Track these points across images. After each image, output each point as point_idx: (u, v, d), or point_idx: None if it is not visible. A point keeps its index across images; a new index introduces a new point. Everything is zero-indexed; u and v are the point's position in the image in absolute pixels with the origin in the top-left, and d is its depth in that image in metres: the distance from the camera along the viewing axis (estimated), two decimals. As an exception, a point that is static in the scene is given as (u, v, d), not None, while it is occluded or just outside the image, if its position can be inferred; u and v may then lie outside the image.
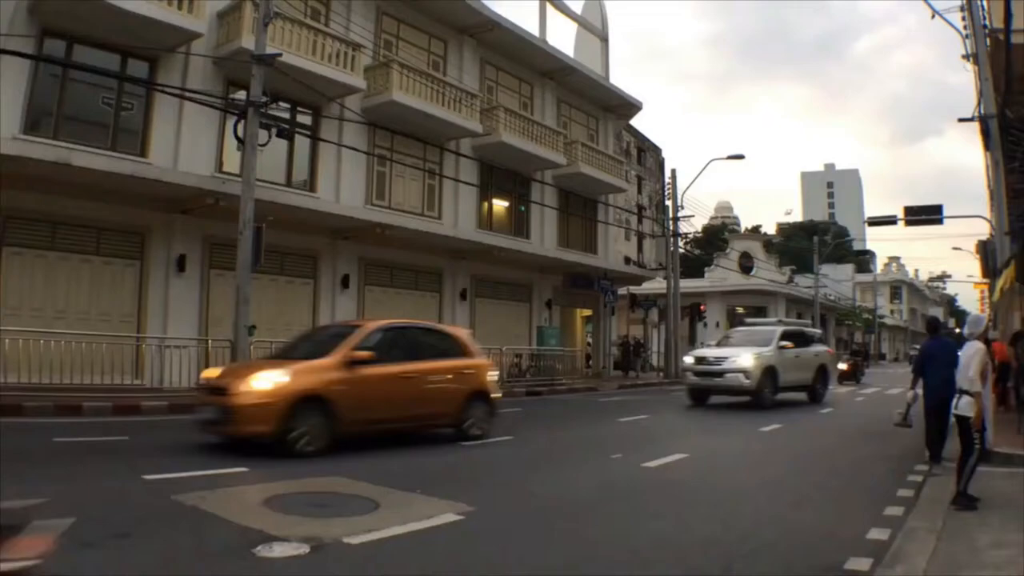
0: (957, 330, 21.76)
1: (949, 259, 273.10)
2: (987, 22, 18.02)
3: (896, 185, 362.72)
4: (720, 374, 22.83)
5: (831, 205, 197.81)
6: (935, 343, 11.85)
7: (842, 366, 39.30)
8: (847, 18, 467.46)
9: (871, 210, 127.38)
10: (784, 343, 24.06)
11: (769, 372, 22.67)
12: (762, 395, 22.40)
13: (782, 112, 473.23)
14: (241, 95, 20.64)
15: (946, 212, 29.37)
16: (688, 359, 24.92)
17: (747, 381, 22.26)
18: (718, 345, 26.21)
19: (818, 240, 68.57)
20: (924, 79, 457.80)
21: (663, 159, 75.61)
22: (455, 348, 14.33)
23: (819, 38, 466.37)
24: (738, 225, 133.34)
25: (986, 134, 18.18)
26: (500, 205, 33.27)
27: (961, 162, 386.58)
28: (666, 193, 44.52)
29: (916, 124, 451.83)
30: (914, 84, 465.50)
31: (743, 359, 22.57)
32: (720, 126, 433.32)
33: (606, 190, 38.05)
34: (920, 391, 11.68)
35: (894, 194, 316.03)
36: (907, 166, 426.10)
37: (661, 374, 40.63)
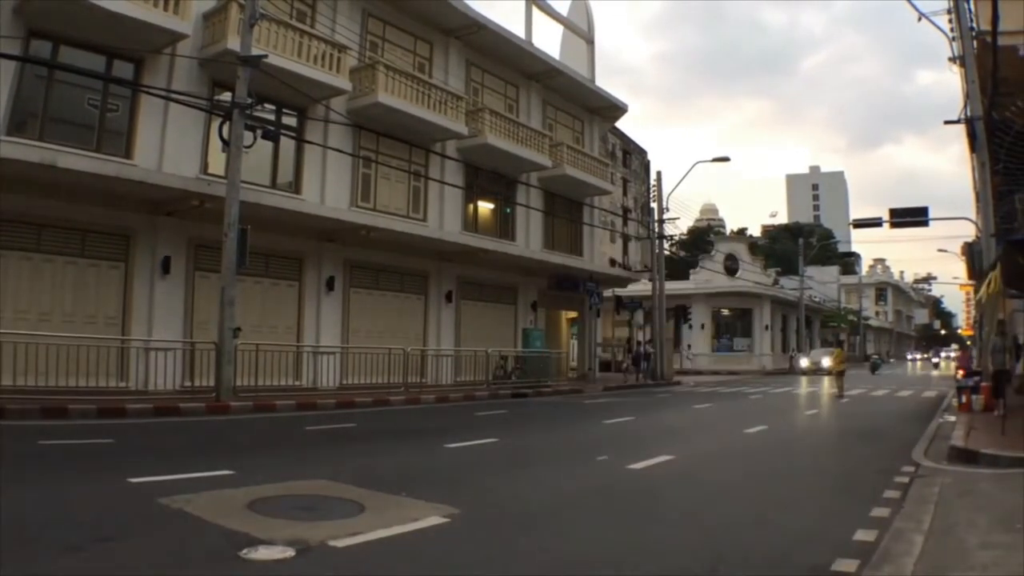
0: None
1: (935, 261, 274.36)
2: (974, 24, 18.10)
3: (854, 189, 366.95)
4: None
5: (816, 207, 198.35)
6: None
7: None
8: (791, 36, 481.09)
9: (853, 213, 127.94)
10: None
11: None
12: None
13: (741, 124, 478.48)
14: (226, 96, 20.65)
15: (922, 216, 29.66)
16: None
17: None
18: None
19: (803, 242, 68.81)
20: (875, 91, 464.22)
21: (648, 161, 75.85)
22: None
23: (766, 55, 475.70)
24: (723, 227, 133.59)
25: (972, 136, 18.26)
26: (485, 207, 33.28)
27: (921, 167, 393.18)
28: (651, 195, 44.57)
29: (871, 133, 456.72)
30: (866, 96, 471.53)
31: None
32: (680, 139, 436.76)
33: (591, 192, 38.10)
34: None
35: (854, 198, 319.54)
36: (865, 171, 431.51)
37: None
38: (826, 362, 42.53)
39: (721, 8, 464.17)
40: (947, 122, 20.64)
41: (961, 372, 25.20)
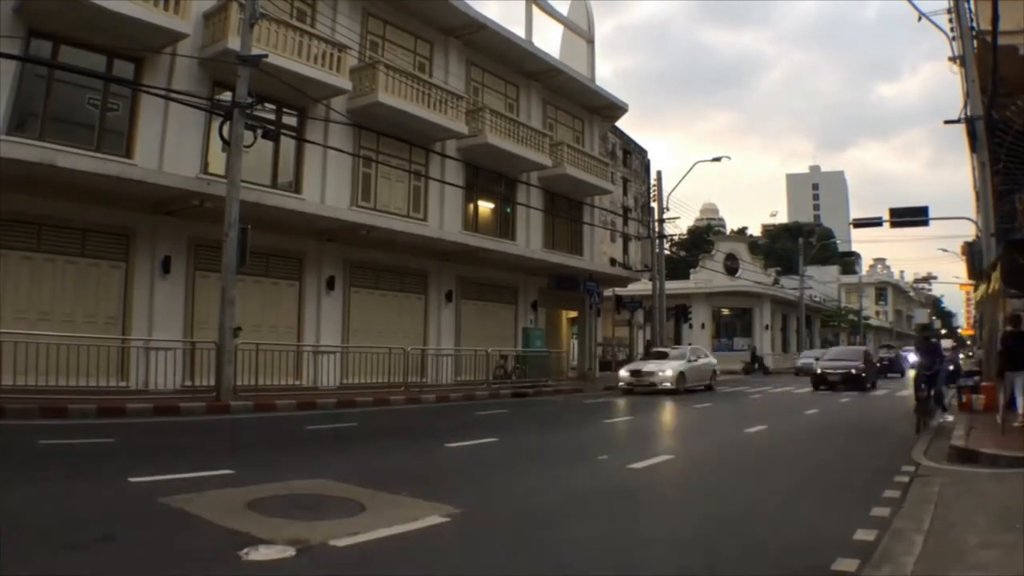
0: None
1: (935, 261, 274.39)
2: (974, 24, 18.10)
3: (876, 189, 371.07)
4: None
5: (816, 207, 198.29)
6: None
7: None
8: (741, 55, 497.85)
9: (855, 213, 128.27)
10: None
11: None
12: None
13: (713, 132, 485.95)
14: (227, 96, 20.65)
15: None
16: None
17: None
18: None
19: (803, 242, 68.78)
20: (834, 102, 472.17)
21: (648, 161, 75.79)
22: None
23: (721, 74, 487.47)
24: (723, 226, 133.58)
25: (972, 136, 18.26)
26: (485, 206, 33.28)
27: (891, 171, 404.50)
28: (651, 195, 44.58)
29: (835, 139, 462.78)
30: (825, 107, 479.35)
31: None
32: (658, 145, 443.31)
33: (591, 191, 38.08)
34: None
35: (878, 198, 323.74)
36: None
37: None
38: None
39: (663, 34, 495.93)
40: (947, 122, 20.62)
41: None
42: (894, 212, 29.78)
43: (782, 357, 62.89)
